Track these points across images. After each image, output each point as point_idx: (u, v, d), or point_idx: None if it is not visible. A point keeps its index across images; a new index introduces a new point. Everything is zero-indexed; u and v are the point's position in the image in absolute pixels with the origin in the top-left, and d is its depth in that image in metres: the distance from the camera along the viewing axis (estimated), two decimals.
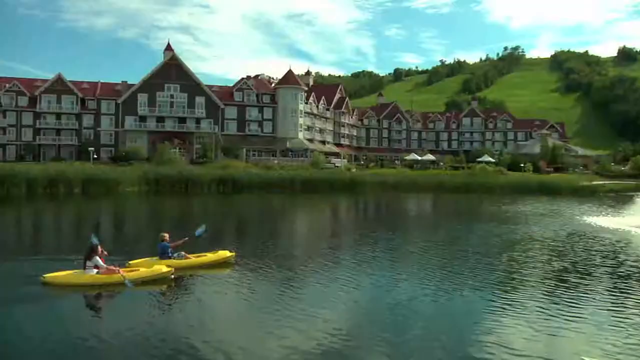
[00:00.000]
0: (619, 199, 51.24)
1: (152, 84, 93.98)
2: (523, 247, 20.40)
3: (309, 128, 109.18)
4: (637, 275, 15.13)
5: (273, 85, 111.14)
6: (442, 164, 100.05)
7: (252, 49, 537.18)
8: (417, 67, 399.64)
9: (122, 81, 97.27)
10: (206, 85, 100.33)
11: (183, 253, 15.66)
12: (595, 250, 19.36)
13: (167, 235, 15.76)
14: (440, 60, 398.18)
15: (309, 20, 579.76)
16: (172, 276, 14.13)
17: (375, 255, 18.62)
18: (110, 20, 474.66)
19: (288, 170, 68.88)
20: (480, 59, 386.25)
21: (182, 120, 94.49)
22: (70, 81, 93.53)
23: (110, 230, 26.92)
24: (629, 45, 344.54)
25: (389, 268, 16.38)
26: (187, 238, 15.88)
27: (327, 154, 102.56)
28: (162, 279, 13.88)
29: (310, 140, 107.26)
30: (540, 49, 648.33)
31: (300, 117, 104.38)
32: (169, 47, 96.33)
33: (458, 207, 46.52)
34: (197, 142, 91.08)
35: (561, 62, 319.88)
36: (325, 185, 60.49)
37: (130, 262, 15.00)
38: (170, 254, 15.37)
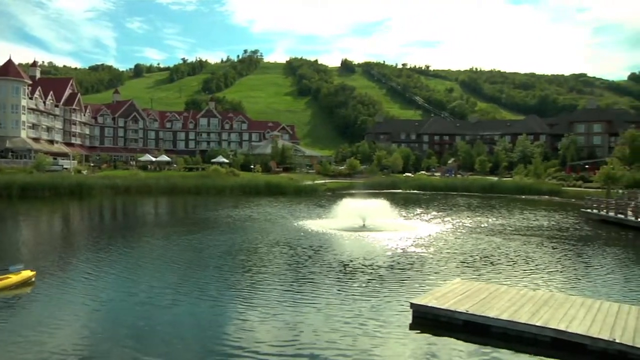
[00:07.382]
0: (332, 198, 55.32)
1: None
2: (237, 255, 22.19)
3: (33, 126, 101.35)
4: (337, 272, 18.60)
5: None
6: (175, 165, 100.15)
7: None
8: (158, 64, 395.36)
9: None
10: None
11: None
12: (300, 253, 22.42)
13: None
14: (183, 58, 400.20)
15: (41, 2, 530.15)
16: None
17: (117, 266, 19.62)
18: None
19: (7, 173, 63.73)
20: (222, 60, 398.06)
21: None
22: None
23: None
24: (349, 58, 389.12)
25: (127, 279, 17.69)
26: None
27: (56, 154, 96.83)
28: None
29: (36, 140, 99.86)
30: (277, 54, 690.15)
31: (23, 113, 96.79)
32: None
33: (178, 213, 46.99)
34: None
35: (295, 68, 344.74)
36: (49, 191, 57.29)
37: None
38: None
